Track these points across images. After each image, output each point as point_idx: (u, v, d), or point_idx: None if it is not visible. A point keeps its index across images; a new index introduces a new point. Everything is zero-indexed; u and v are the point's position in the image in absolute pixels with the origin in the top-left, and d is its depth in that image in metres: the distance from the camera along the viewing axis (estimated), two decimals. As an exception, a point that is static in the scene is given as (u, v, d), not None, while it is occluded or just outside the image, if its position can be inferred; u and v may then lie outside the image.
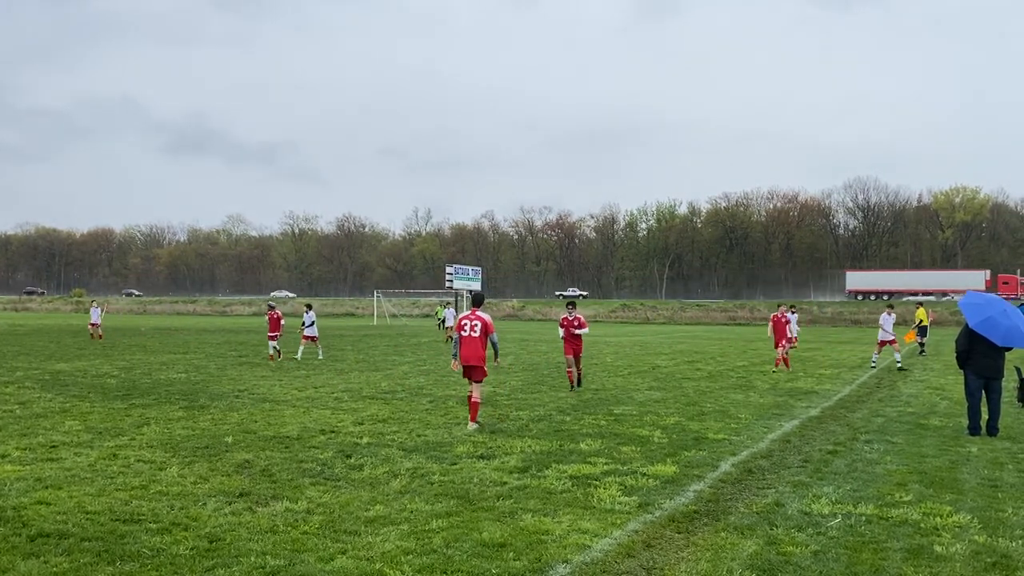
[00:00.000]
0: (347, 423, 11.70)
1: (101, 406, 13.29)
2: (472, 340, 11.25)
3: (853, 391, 16.51)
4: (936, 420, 12.45)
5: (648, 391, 16.11)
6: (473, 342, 11.25)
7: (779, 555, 5.86)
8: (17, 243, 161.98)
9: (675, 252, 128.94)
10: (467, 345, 11.27)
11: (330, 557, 5.70)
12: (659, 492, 7.68)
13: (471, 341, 11.26)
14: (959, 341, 11.35)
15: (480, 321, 11.32)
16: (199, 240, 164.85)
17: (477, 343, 11.25)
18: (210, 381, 17.40)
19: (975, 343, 11.17)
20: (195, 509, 6.90)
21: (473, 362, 11.28)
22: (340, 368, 20.90)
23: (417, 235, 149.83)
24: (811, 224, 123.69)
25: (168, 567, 5.46)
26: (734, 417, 12.59)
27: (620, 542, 6.11)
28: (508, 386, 16.77)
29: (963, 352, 11.33)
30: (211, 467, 8.60)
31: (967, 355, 11.30)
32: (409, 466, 8.71)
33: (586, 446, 9.98)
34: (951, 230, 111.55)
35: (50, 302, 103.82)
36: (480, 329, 11.28)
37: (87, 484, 7.77)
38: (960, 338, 11.33)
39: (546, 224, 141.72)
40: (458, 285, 69.56)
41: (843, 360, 25.13)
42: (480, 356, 11.28)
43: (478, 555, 5.77)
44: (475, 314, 11.42)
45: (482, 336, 11.27)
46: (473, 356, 11.27)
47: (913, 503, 7.33)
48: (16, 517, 6.58)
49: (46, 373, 18.81)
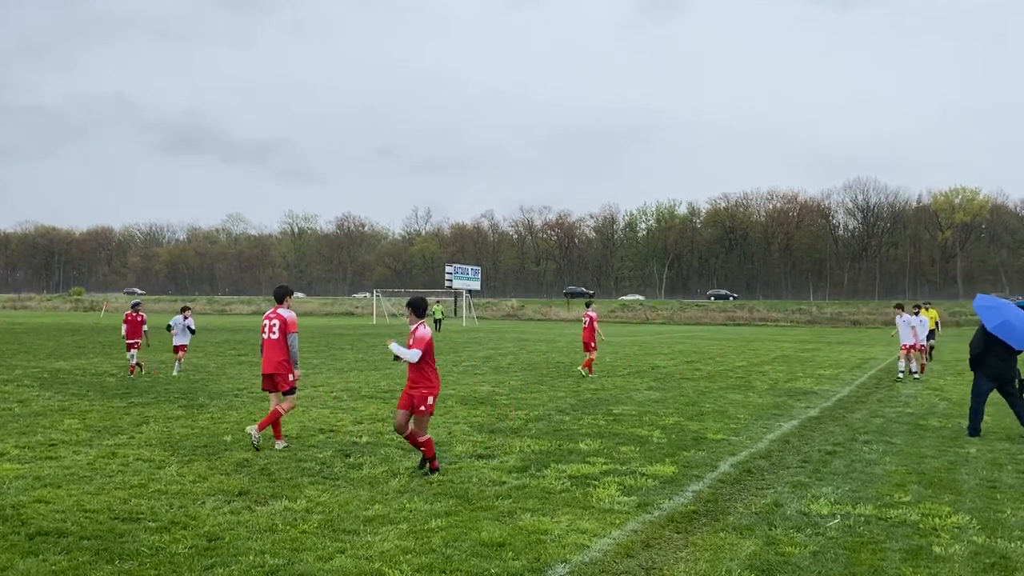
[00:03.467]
0: (346, 422, 11.70)
1: (100, 405, 13.28)
2: (272, 344, 9.59)
3: (852, 392, 16.52)
4: (935, 421, 12.46)
5: (647, 391, 16.11)
6: (273, 346, 9.59)
7: (778, 555, 5.87)
8: (16, 241, 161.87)
9: (675, 252, 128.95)
10: (266, 350, 9.64)
11: (329, 556, 5.70)
12: (658, 492, 7.68)
13: (271, 344, 9.60)
14: (975, 343, 11.21)
15: (279, 320, 9.63)
16: (198, 239, 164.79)
17: (276, 346, 9.58)
18: (209, 380, 17.39)
19: (991, 346, 11.07)
20: (194, 508, 6.90)
21: (272, 370, 9.60)
22: (339, 367, 20.88)
23: (416, 235, 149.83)
24: (811, 224, 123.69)
25: (167, 566, 5.46)
26: (733, 417, 12.59)
27: (619, 542, 6.11)
28: (507, 386, 16.77)
29: (978, 355, 11.18)
30: (210, 466, 8.60)
31: (981, 358, 11.17)
32: (408, 465, 8.71)
33: (585, 446, 9.98)
34: (951, 231, 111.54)
35: (49, 300, 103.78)
36: (279, 329, 9.62)
37: (86, 483, 7.77)
38: (976, 340, 11.20)
39: (546, 224, 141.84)
40: (458, 285, 69.63)
41: (842, 361, 25.14)
42: (279, 362, 9.57)
43: (477, 555, 5.76)
44: (276, 312, 9.75)
45: (282, 338, 9.61)
46: (272, 363, 9.59)
47: (912, 504, 7.34)
48: (15, 515, 6.58)
49: (45, 371, 18.80)
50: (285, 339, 9.56)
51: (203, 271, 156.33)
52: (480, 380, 17.85)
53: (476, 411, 12.95)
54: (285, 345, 9.56)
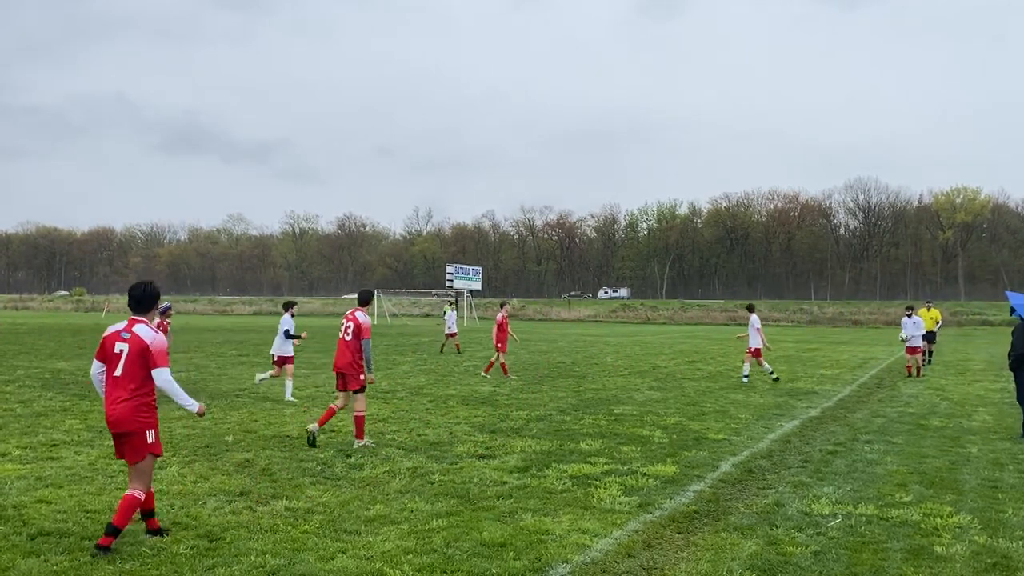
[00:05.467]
0: (347, 422, 11.68)
1: (102, 405, 13.26)
2: (345, 344, 9.85)
3: (853, 391, 16.51)
4: (936, 421, 12.45)
5: (648, 391, 16.11)
6: (345, 346, 9.84)
7: (779, 555, 5.86)
8: (18, 242, 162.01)
9: (676, 252, 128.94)
10: (339, 349, 9.92)
11: (330, 556, 5.70)
12: (659, 492, 7.68)
13: (344, 344, 9.87)
14: (1016, 343, 10.81)
15: (354, 323, 9.87)
16: (200, 239, 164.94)
17: (348, 347, 9.81)
18: (210, 380, 17.40)
19: None
20: (195, 508, 6.90)
21: (342, 368, 9.87)
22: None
23: (418, 235, 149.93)
24: (812, 224, 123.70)
25: (168, 566, 5.46)
26: (734, 417, 12.59)
27: (620, 542, 6.11)
28: (508, 386, 16.77)
29: (1021, 355, 10.80)
30: (211, 466, 8.60)
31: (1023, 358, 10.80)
32: (409, 465, 8.71)
33: (586, 446, 9.98)
34: (952, 231, 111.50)
35: (50, 301, 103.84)
36: (353, 331, 9.86)
37: (87, 483, 7.77)
38: (1017, 339, 10.80)
39: (547, 224, 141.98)
40: (459, 285, 69.58)
41: (843, 360, 25.12)
42: (349, 362, 9.79)
43: (478, 555, 5.76)
44: (353, 314, 9.98)
45: (355, 339, 9.83)
46: (342, 362, 9.85)
47: (913, 504, 7.33)
48: (17, 516, 6.59)
49: (47, 372, 18.81)
50: (358, 341, 9.75)
51: (204, 271, 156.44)
52: (481, 380, 17.85)
53: (477, 411, 12.96)
54: (357, 346, 9.75)
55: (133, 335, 5.96)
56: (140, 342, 5.92)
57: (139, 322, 6.05)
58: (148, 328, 6.03)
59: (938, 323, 23.97)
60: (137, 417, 5.90)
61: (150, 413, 6.01)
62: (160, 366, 5.95)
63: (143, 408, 5.95)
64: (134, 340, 5.93)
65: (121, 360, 5.92)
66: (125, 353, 5.93)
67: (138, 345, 5.92)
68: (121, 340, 5.98)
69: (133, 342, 5.92)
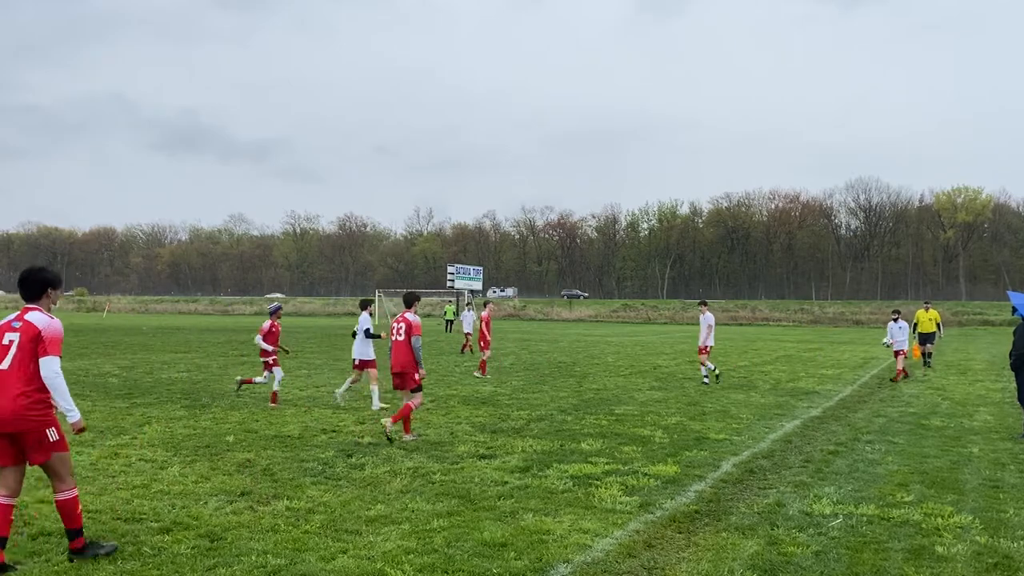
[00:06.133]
0: (348, 422, 11.70)
1: (103, 405, 13.30)
2: (399, 345, 10.38)
3: (854, 391, 16.50)
4: (937, 420, 12.44)
5: (649, 391, 16.11)
6: (400, 347, 10.37)
7: (780, 555, 5.86)
8: (19, 242, 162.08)
9: (676, 252, 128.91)
10: (395, 350, 10.45)
11: (331, 556, 5.70)
12: (660, 492, 7.68)
13: (398, 346, 10.39)
14: (1018, 342, 10.76)
15: (405, 323, 10.43)
16: (201, 239, 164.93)
17: (403, 348, 10.33)
18: (212, 380, 17.41)
19: None
20: (196, 508, 6.90)
21: (400, 368, 10.37)
22: (342, 367, 20.88)
23: (419, 235, 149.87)
24: (813, 224, 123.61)
25: (169, 566, 5.47)
26: (735, 417, 12.58)
27: (621, 542, 6.11)
28: (509, 386, 16.78)
29: (1022, 354, 10.73)
30: (212, 466, 8.61)
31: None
32: (410, 465, 8.71)
33: (587, 446, 9.98)
34: (953, 230, 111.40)
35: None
36: (405, 332, 10.39)
37: (88, 483, 7.78)
38: (1019, 339, 10.74)
39: (547, 224, 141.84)
40: (460, 285, 69.60)
41: (844, 360, 25.12)
42: (406, 362, 10.30)
43: (479, 555, 5.77)
44: (403, 316, 10.59)
45: (407, 339, 10.35)
46: (399, 362, 10.35)
47: (914, 504, 7.33)
48: (18, 516, 6.58)
49: (48, 372, 18.80)
50: (410, 341, 10.22)
51: (205, 272, 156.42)
52: (482, 380, 17.85)
53: (478, 411, 12.96)
54: (411, 346, 10.21)
55: (25, 323, 5.41)
56: (32, 329, 5.36)
57: (32, 310, 5.52)
58: (42, 314, 5.50)
59: (939, 324, 23.63)
60: (31, 414, 5.30)
61: (47, 408, 5.41)
62: (51, 354, 5.36)
63: (38, 404, 5.34)
64: (26, 328, 5.38)
65: (11, 351, 5.34)
66: (16, 343, 5.35)
67: (29, 333, 5.35)
68: (12, 330, 5.42)
69: (25, 330, 5.37)
